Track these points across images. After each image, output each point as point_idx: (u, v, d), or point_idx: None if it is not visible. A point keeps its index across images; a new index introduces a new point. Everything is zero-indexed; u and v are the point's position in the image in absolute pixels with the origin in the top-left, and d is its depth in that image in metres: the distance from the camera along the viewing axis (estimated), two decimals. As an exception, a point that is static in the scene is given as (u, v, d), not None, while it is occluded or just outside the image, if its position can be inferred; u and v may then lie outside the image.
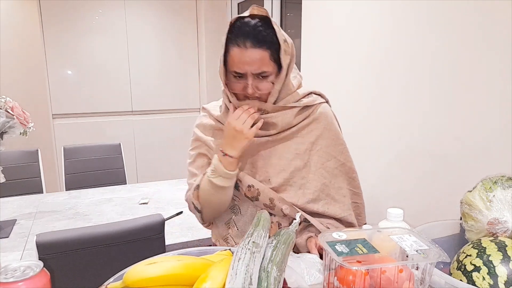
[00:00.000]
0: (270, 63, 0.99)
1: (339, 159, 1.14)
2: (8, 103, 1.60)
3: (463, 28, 1.32)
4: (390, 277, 0.67)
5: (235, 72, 0.99)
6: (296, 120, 1.08)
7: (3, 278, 0.61)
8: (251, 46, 0.95)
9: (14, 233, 1.64)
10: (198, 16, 3.93)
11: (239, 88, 1.01)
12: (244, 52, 0.96)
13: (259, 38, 0.96)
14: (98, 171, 2.63)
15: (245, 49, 0.95)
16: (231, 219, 1.14)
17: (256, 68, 0.97)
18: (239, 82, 1.00)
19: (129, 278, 0.65)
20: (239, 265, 0.60)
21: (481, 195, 0.86)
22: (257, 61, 0.96)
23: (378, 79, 1.72)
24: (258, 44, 0.96)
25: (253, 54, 0.96)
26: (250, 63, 0.96)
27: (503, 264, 0.71)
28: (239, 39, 0.96)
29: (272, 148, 1.08)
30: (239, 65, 0.97)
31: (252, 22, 0.97)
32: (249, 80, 0.99)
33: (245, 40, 0.95)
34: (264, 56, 0.97)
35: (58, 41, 3.48)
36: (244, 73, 0.98)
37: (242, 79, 1.00)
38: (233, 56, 0.97)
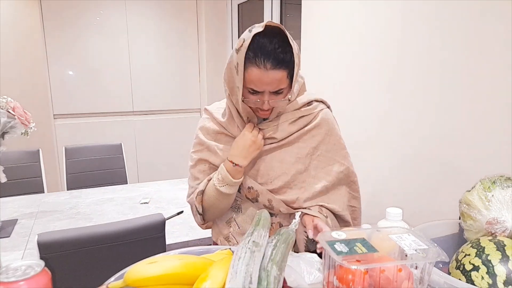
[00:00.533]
0: (286, 81, 1.00)
1: (343, 163, 1.15)
2: (9, 103, 1.61)
3: (462, 29, 1.33)
4: (389, 276, 0.67)
5: (252, 89, 1.00)
6: (295, 127, 1.10)
7: (4, 277, 0.61)
8: (271, 68, 0.95)
9: (15, 233, 1.64)
10: (199, 16, 3.93)
11: (253, 103, 1.02)
12: (264, 73, 0.96)
13: (279, 60, 0.95)
14: (99, 171, 2.63)
15: (265, 70, 0.95)
16: (232, 217, 1.16)
17: (274, 88, 0.99)
18: (255, 98, 1.01)
19: (130, 277, 0.65)
20: (239, 264, 0.61)
21: (480, 195, 0.86)
22: (275, 81, 0.98)
23: (378, 79, 1.73)
24: (278, 66, 0.96)
25: (273, 75, 0.96)
26: (270, 83, 0.97)
27: (502, 263, 0.72)
28: (258, 59, 0.95)
29: (274, 153, 1.11)
30: (258, 84, 0.98)
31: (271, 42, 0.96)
32: (265, 97, 1.00)
33: (266, 61, 0.95)
34: (283, 75, 0.98)
35: (59, 41, 3.49)
36: (261, 91, 1.00)
37: (258, 95, 1.01)
38: (252, 75, 0.97)
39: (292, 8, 2.86)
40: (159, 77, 3.92)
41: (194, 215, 1.19)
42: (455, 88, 1.38)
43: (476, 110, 1.31)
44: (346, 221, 1.16)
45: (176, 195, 2.14)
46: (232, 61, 1.00)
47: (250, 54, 0.95)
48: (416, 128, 1.55)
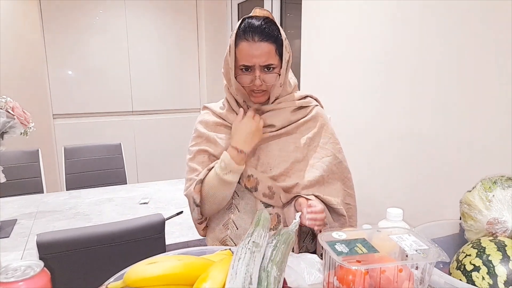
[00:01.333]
0: (275, 57, 1.06)
1: (337, 157, 1.18)
2: (8, 103, 1.60)
3: (462, 28, 1.33)
4: (390, 277, 0.67)
5: (244, 65, 1.05)
6: (295, 117, 1.14)
7: (4, 277, 0.61)
8: (259, 40, 1.02)
9: (15, 233, 1.64)
10: (198, 16, 3.93)
11: (247, 81, 1.06)
12: (253, 45, 1.02)
13: (266, 33, 1.03)
14: (99, 171, 2.63)
15: (253, 42, 1.02)
16: (230, 219, 1.15)
17: (264, 60, 1.04)
18: (247, 75, 1.06)
19: (130, 278, 0.65)
20: (239, 265, 0.61)
21: (481, 195, 0.86)
22: (265, 53, 1.03)
23: (378, 79, 1.72)
24: (265, 38, 1.03)
25: (261, 47, 1.02)
26: (258, 55, 1.03)
27: (502, 263, 0.71)
28: (247, 34, 1.03)
29: (273, 141, 1.13)
30: (247, 57, 1.03)
31: (258, 20, 1.05)
32: (257, 72, 1.05)
33: (253, 34, 1.02)
34: (271, 49, 1.04)
35: (58, 41, 3.48)
36: (252, 65, 1.04)
37: (250, 72, 1.06)
38: (242, 50, 1.03)
39: (292, 7, 2.85)
40: (158, 77, 3.91)
41: (191, 211, 1.18)
42: (456, 88, 1.37)
43: (477, 110, 1.30)
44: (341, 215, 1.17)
45: (175, 195, 2.14)
46: (227, 49, 1.06)
47: (240, 33, 1.04)
48: (417, 128, 1.55)
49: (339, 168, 1.18)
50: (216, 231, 1.18)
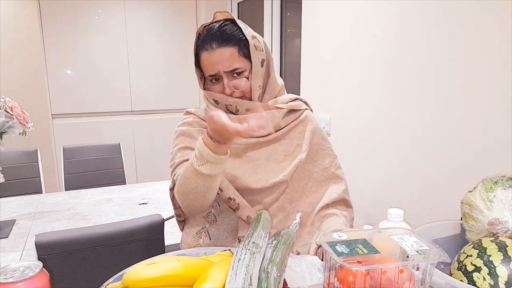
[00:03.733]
0: (240, 59, 1.00)
1: (320, 163, 1.14)
2: (7, 103, 1.60)
3: (461, 30, 1.32)
4: (391, 278, 0.66)
5: (210, 75, 1.01)
6: (284, 122, 1.10)
7: (3, 278, 0.61)
8: (217, 46, 0.97)
9: (14, 233, 1.63)
10: (198, 16, 3.92)
11: (218, 90, 1.02)
12: (212, 53, 0.98)
13: (224, 37, 0.97)
14: (98, 171, 2.62)
15: (212, 50, 0.98)
16: (204, 228, 1.08)
17: (227, 66, 0.98)
18: (217, 85, 1.02)
19: (129, 279, 0.65)
20: (239, 266, 0.60)
21: (482, 195, 0.85)
22: (226, 59, 0.98)
23: (379, 79, 1.72)
24: (224, 43, 0.97)
25: (220, 53, 0.97)
26: (219, 62, 0.98)
27: (503, 264, 0.71)
28: (205, 43, 0.98)
29: (261, 149, 1.08)
30: (209, 66, 0.99)
31: (216, 25, 0.99)
32: (224, 80, 1.00)
33: (211, 42, 0.98)
34: (233, 52, 0.98)
35: (57, 41, 3.48)
36: (216, 73, 1.00)
37: (219, 81, 1.01)
38: (204, 60, 1.00)
39: (292, 6, 2.85)
40: (157, 77, 3.91)
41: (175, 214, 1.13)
42: (456, 88, 1.37)
43: (478, 110, 1.30)
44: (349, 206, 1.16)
45: (175, 195, 2.14)
46: None
47: (200, 43, 1.00)
48: (418, 128, 1.54)
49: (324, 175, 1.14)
50: (189, 238, 1.11)
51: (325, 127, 2.09)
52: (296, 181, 1.11)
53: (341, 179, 1.17)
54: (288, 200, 1.09)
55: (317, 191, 1.13)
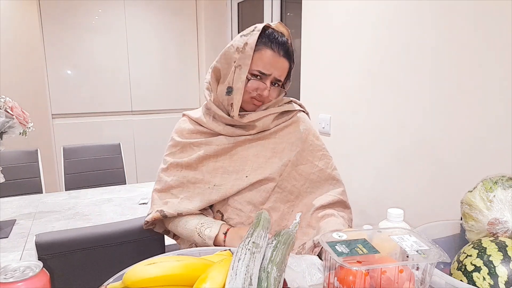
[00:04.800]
0: (285, 76, 1.09)
1: (317, 165, 1.15)
2: (7, 103, 1.60)
3: (462, 29, 1.32)
4: (391, 278, 0.67)
5: (259, 71, 1.03)
6: (273, 124, 1.12)
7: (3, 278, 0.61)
8: (283, 55, 1.05)
9: (14, 233, 1.63)
10: (198, 16, 3.92)
11: (254, 87, 1.05)
12: (277, 57, 1.04)
13: (289, 52, 1.07)
14: (98, 171, 2.62)
15: (278, 55, 1.04)
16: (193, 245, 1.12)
17: (279, 75, 1.06)
18: (257, 82, 1.05)
19: (129, 278, 0.65)
20: (239, 266, 0.60)
21: (482, 195, 0.85)
22: (282, 69, 1.06)
23: (378, 79, 1.72)
24: (287, 56, 1.06)
25: (283, 62, 1.05)
26: (278, 68, 1.05)
27: (503, 264, 0.71)
28: (273, 44, 1.03)
29: (249, 145, 1.10)
30: (267, 66, 1.03)
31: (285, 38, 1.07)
32: (268, 83, 1.05)
33: (280, 48, 1.04)
34: (287, 68, 1.08)
35: (57, 40, 3.48)
36: (269, 74, 1.04)
37: (260, 80, 1.05)
38: (265, 57, 1.03)
39: (292, 7, 2.85)
40: (158, 77, 3.91)
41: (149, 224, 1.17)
42: (457, 88, 1.37)
43: (478, 110, 1.30)
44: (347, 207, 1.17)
45: (175, 195, 2.14)
46: (234, 45, 1.02)
47: (265, 39, 1.03)
48: (418, 128, 1.54)
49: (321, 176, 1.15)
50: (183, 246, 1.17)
51: (325, 127, 2.09)
52: (289, 181, 1.11)
53: (337, 180, 1.18)
54: (280, 200, 1.10)
55: (313, 192, 1.14)
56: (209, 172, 1.08)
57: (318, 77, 2.14)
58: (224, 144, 1.09)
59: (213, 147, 1.09)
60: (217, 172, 1.08)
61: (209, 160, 1.09)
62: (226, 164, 1.09)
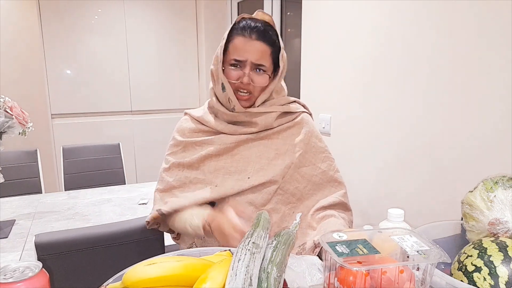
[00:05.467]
0: (269, 60, 1.04)
1: (319, 167, 1.14)
2: (7, 103, 1.60)
3: (462, 28, 1.32)
4: (391, 278, 0.66)
5: (235, 60, 1.02)
6: (276, 123, 1.11)
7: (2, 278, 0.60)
8: (256, 38, 1.02)
9: (13, 234, 1.63)
10: (198, 16, 3.92)
11: (235, 76, 1.03)
12: (249, 41, 1.02)
13: (265, 35, 1.03)
14: (97, 171, 2.62)
15: (250, 39, 1.02)
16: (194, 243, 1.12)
17: (257, 58, 1.02)
18: (236, 71, 1.03)
19: (129, 279, 0.65)
20: (239, 266, 0.60)
21: (482, 196, 0.85)
22: (259, 52, 1.02)
23: (379, 78, 1.72)
24: (263, 38, 1.03)
25: (256, 45, 1.02)
26: (252, 52, 1.02)
27: (504, 264, 0.71)
28: (245, 31, 1.02)
29: (252, 144, 1.09)
30: (241, 52, 1.02)
31: (260, 23, 1.04)
32: (247, 69, 1.02)
33: (251, 32, 1.02)
34: (266, 50, 1.03)
35: (57, 40, 3.48)
36: (244, 60, 1.02)
37: (239, 69, 1.03)
38: (237, 44, 1.02)
39: (292, 6, 2.85)
40: (157, 77, 3.91)
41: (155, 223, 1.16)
42: (457, 87, 1.37)
43: (478, 110, 1.30)
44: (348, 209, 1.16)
45: (174, 195, 2.13)
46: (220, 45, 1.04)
47: (237, 29, 1.03)
48: (418, 128, 1.54)
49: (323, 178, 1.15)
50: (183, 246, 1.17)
51: (325, 127, 2.09)
52: (291, 184, 1.11)
53: (339, 182, 1.17)
54: (281, 201, 1.10)
55: (315, 194, 1.14)
56: (210, 172, 1.08)
57: (318, 77, 2.14)
58: (226, 143, 1.08)
59: (215, 146, 1.08)
60: (219, 172, 1.08)
61: (210, 160, 1.09)
62: (228, 164, 1.08)
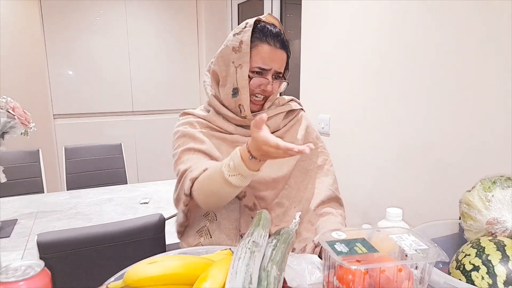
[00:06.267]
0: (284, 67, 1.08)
1: (315, 161, 1.19)
2: (9, 103, 1.60)
3: (462, 28, 1.33)
4: (390, 277, 0.67)
5: (259, 68, 1.03)
6: (283, 123, 1.16)
7: (4, 277, 0.61)
8: (280, 47, 1.04)
9: (15, 233, 1.64)
10: (198, 16, 3.93)
11: (256, 84, 1.04)
12: (275, 51, 1.02)
13: (285, 43, 1.05)
14: (99, 171, 2.63)
15: (275, 48, 1.02)
16: (205, 226, 1.09)
17: (279, 67, 1.05)
18: (259, 79, 1.04)
19: (130, 278, 0.65)
20: (239, 264, 0.61)
21: (480, 195, 0.86)
22: (281, 61, 1.05)
23: (378, 79, 1.72)
24: (284, 47, 1.05)
25: (280, 54, 1.04)
26: (277, 61, 1.04)
27: (502, 263, 0.72)
28: (269, 38, 1.02)
29: None
30: (267, 61, 1.02)
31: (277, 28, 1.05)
32: (270, 77, 1.04)
33: (275, 40, 1.03)
34: (285, 59, 1.07)
35: (59, 41, 3.49)
36: (269, 69, 1.03)
37: (261, 76, 1.04)
38: (263, 52, 1.02)
39: (292, 7, 2.86)
40: (159, 77, 3.92)
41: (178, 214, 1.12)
42: (456, 87, 1.37)
43: (477, 110, 1.30)
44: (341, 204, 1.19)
45: (176, 195, 2.14)
46: (229, 46, 1.02)
47: (259, 34, 1.02)
48: (417, 128, 1.55)
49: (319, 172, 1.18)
50: (190, 237, 1.12)
51: (324, 127, 2.09)
52: (293, 178, 1.14)
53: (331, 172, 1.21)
54: (286, 196, 1.12)
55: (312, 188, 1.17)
56: None
57: (318, 77, 2.15)
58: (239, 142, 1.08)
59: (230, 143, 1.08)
60: None
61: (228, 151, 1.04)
62: None
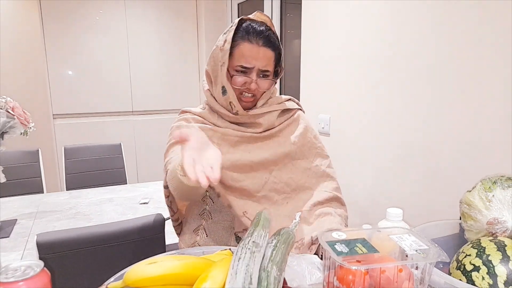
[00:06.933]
0: (272, 65, 1.06)
1: (313, 161, 1.18)
2: (8, 103, 1.60)
3: (462, 27, 1.33)
4: (390, 277, 0.67)
5: (241, 66, 1.02)
6: (278, 121, 1.14)
7: (4, 277, 0.61)
8: (263, 45, 1.02)
9: (15, 233, 1.64)
10: (198, 16, 3.93)
11: (241, 82, 1.04)
12: (256, 48, 1.01)
13: (270, 40, 1.03)
14: (99, 171, 2.63)
15: (257, 46, 1.01)
16: (201, 225, 1.11)
17: (264, 65, 1.03)
18: (242, 77, 1.03)
19: (130, 278, 0.65)
20: (239, 265, 0.60)
21: (481, 195, 0.86)
22: (266, 59, 1.03)
23: (378, 79, 1.72)
24: (269, 44, 1.02)
25: (263, 52, 1.02)
26: (260, 59, 1.02)
27: (502, 263, 0.71)
28: (251, 36, 1.01)
29: (255, 144, 1.10)
30: (248, 59, 1.01)
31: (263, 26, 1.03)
32: (254, 75, 1.03)
33: (258, 38, 1.01)
34: (271, 56, 1.04)
35: (58, 41, 3.48)
36: (251, 67, 1.02)
37: (245, 74, 1.03)
38: (244, 50, 1.01)
39: (292, 7, 2.85)
40: (158, 77, 3.92)
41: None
42: (456, 88, 1.37)
43: (477, 110, 1.30)
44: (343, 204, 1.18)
45: (175, 195, 2.14)
46: (217, 45, 1.03)
47: (242, 33, 1.01)
48: (417, 128, 1.55)
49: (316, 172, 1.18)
50: (187, 236, 1.15)
51: (324, 127, 2.09)
52: (286, 173, 1.13)
53: (331, 177, 1.20)
54: (275, 190, 1.11)
55: (309, 188, 1.16)
56: None
57: (318, 77, 2.15)
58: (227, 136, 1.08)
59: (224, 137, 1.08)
60: None
61: None
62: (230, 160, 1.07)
